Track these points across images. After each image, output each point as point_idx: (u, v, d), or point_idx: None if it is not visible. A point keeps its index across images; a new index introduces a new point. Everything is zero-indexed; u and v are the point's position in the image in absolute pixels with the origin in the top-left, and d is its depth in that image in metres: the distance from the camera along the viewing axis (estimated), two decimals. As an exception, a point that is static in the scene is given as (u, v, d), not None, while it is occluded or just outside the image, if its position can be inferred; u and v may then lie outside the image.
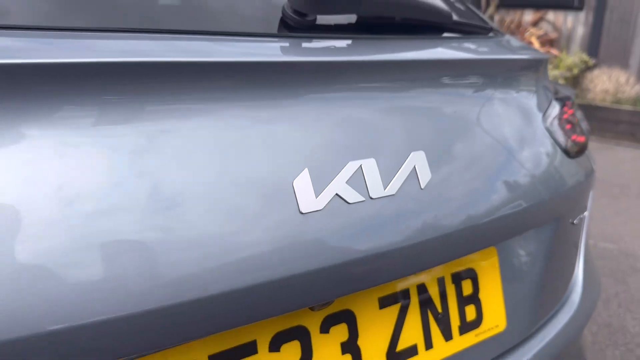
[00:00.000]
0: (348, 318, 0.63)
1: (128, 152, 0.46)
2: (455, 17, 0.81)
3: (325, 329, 0.61)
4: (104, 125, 0.47)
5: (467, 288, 0.74)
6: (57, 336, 0.41)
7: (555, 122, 0.90)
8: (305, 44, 0.62)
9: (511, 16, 6.53)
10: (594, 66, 5.90)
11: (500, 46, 0.92)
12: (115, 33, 0.52)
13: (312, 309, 0.58)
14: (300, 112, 0.57)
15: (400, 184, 0.59)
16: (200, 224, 0.48)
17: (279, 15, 0.63)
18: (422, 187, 0.61)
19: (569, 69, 5.79)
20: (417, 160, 0.61)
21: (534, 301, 0.84)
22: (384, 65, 0.64)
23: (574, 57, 5.89)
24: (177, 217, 0.47)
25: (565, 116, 0.94)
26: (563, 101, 0.97)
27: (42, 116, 0.44)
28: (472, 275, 0.75)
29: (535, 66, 0.94)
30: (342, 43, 0.65)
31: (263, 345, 0.56)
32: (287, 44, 0.61)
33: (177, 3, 0.64)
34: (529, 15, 6.42)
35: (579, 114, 1.03)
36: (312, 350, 0.60)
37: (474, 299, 0.75)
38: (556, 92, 1.01)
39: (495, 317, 0.77)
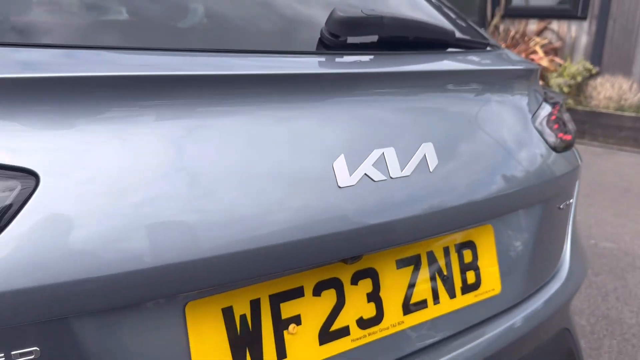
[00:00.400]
0: (372, 274, 0.79)
1: (218, 136, 0.64)
2: (458, 35, 0.99)
3: (354, 281, 0.77)
4: (176, 119, 0.64)
5: (467, 257, 0.90)
6: (162, 270, 0.58)
7: (544, 122, 1.06)
8: (338, 59, 0.79)
9: (516, 26, 6.69)
10: (598, 74, 6.04)
11: (497, 58, 1.09)
12: (185, 52, 0.69)
13: (345, 262, 0.75)
14: (337, 112, 0.74)
15: (413, 168, 0.76)
16: (268, 194, 0.65)
17: (315, 36, 0.81)
18: (431, 170, 0.78)
19: (573, 77, 5.93)
20: (427, 150, 0.78)
21: (526, 272, 1.00)
22: (401, 75, 0.82)
23: (578, 65, 6.04)
24: (254, 189, 0.64)
25: (553, 117, 1.10)
26: (552, 104, 1.14)
27: (116, 114, 0.61)
28: (472, 247, 0.91)
29: (527, 75, 1.11)
30: (367, 58, 0.82)
31: (308, 291, 0.73)
32: (324, 59, 0.79)
33: (248, 30, 0.82)
34: (533, 25, 6.58)
35: (567, 116, 1.20)
36: (345, 297, 0.76)
37: (474, 266, 0.91)
38: (546, 97, 1.17)
39: (491, 282, 0.93)
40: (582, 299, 2.61)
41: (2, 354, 0.54)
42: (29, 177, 0.54)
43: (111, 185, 0.57)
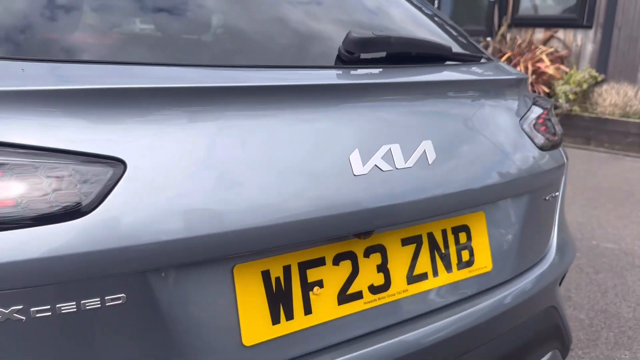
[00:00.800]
0: (381, 250, 0.96)
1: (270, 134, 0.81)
2: (454, 50, 1.15)
3: (366, 254, 0.94)
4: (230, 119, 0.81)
5: (462, 238, 1.07)
6: (220, 235, 0.75)
7: (532, 124, 1.22)
8: (353, 72, 0.97)
9: (523, 35, 6.83)
10: (603, 81, 6.16)
11: (490, 69, 1.25)
12: (233, 68, 0.87)
13: (358, 237, 0.91)
14: (352, 114, 0.91)
15: (415, 161, 0.93)
16: (298, 181, 0.82)
17: (334, 53, 0.98)
18: (430, 163, 0.95)
19: (579, 84, 6.06)
20: (427, 146, 0.95)
21: (515, 253, 1.16)
22: (405, 84, 0.99)
23: (584, 72, 6.16)
24: (288, 177, 0.81)
25: (540, 120, 1.26)
26: (541, 109, 1.30)
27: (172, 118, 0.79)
28: (467, 230, 1.08)
29: (517, 84, 1.27)
30: (377, 70, 0.99)
31: (329, 260, 0.90)
32: (341, 72, 0.96)
33: (275, 49, 0.99)
34: (540, 34, 6.72)
35: (554, 119, 1.36)
36: (359, 267, 0.93)
37: (468, 246, 1.07)
38: (535, 102, 1.33)
39: (483, 261, 1.09)
40: (582, 295, 2.74)
41: (98, 299, 0.71)
42: (119, 164, 0.72)
43: (180, 169, 0.74)
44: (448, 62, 1.16)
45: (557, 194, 1.30)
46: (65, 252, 0.67)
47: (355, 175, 0.86)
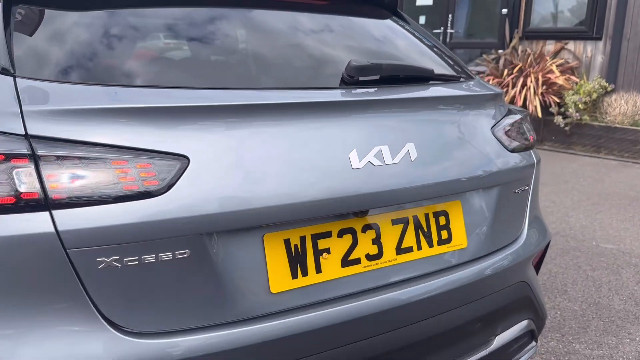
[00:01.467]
0: (375, 227, 1.24)
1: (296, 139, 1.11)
2: (436, 71, 1.45)
3: (364, 230, 1.23)
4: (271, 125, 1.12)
5: (442, 221, 1.35)
6: (257, 210, 1.05)
7: (503, 130, 1.50)
8: (353, 91, 1.27)
9: (534, 47, 7.06)
10: (612, 91, 6.35)
11: (469, 86, 1.54)
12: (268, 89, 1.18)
13: (357, 215, 1.20)
14: (352, 123, 1.20)
15: (400, 158, 1.22)
16: (312, 171, 1.11)
17: (339, 76, 1.28)
18: (412, 160, 1.24)
19: (588, 94, 6.25)
20: (410, 147, 1.24)
21: (487, 235, 1.43)
22: (394, 100, 1.28)
23: (594, 83, 6.36)
24: (304, 168, 1.10)
25: (512, 127, 1.54)
26: (514, 118, 1.58)
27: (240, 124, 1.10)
28: (445, 215, 1.36)
29: (493, 97, 1.56)
30: (372, 89, 1.29)
31: (334, 234, 1.19)
32: (344, 91, 1.26)
33: (292, 74, 1.30)
34: (550, 46, 6.94)
35: (527, 126, 1.63)
36: (357, 240, 1.22)
37: (447, 227, 1.35)
38: (509, 112, 1.61)
39: (460, 239, 1.37)
40: (578, 289, 2.97)
41: (170, 253, 1.01)
42: (184, 159, 1.02)
43: (225, 163, 1.05)
44: (431, 82, 1.45)
45: (527, 188, 1.57)
46: (149, 219, 0.98)
47: (353, 168, 1.15)
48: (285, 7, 1.46)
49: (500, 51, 7.28)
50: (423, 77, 1.42)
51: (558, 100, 6.44)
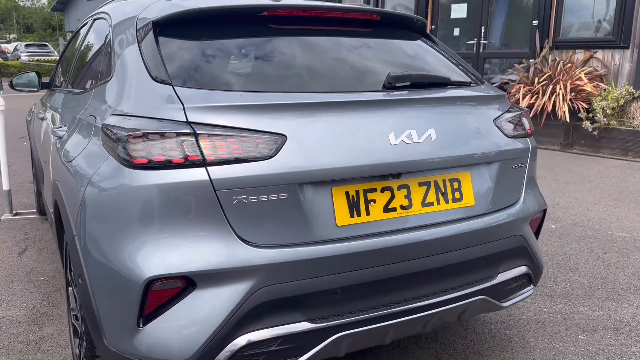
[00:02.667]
0: (407, 187, 1.80)
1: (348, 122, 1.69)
2: (453, 78, 2.00)
3: (399, 189, 1.78)
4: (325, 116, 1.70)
5: (455, 185, 1.89)
6: (330, 169, 1.63)
7: (504, 121, 2.04)
8: (392, 93, 1.84)
9: (563, 56, 7.43)
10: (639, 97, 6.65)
11: (477, 89, 2.08)
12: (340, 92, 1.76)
13: (394, 177, 1.76)
14: (390, 115, 1.77)
15: (424, 138, 1.78)
16: (364, 146, 1.68)
17: (382, 82, 1.85)
18: (433, 140, 1.79)
19: (616, 100, 6.58)
20: (431, 131, 1.79)
21: (491, 198, 1.95)
22: (421, 99, 1.85)
23: (622, 89, 6.68)
24: (359, 145, 1.68)
25: (511, 119, 2.07)
26: (513, 113, 2.11)
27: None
28: (458, 181, 1.90)
29: (497, 97, 2.10)
30: (405, 92, 1.85)
31: (378, 190, 1.75)
32: (386, 93, 1.83)
33: (346, 80, 1.89)
34: (579, 55, 7.30)
35: (525, 120, 2.16)
36: (394, 195, 1.78)
37: (459, 190, 1.89)
38: (510, 109, 2.14)
39: (469, 199, 1.91)
40: (588, 267, 3.40)
41: (275, 195, 1.59)
42: (283, 136, 1.61)
43: (309, 140, 1.63)
44: (448, 86, 2.00)
45: (522, 165, 2.09)
46: (263, 173, 1.57)
47: (391, 144, 1.72)
48: (346, 35, 2.06)
49: (531, 60, 7.68)
50: (442, 82, 1.98)
51: (586, 106, 6.79)
